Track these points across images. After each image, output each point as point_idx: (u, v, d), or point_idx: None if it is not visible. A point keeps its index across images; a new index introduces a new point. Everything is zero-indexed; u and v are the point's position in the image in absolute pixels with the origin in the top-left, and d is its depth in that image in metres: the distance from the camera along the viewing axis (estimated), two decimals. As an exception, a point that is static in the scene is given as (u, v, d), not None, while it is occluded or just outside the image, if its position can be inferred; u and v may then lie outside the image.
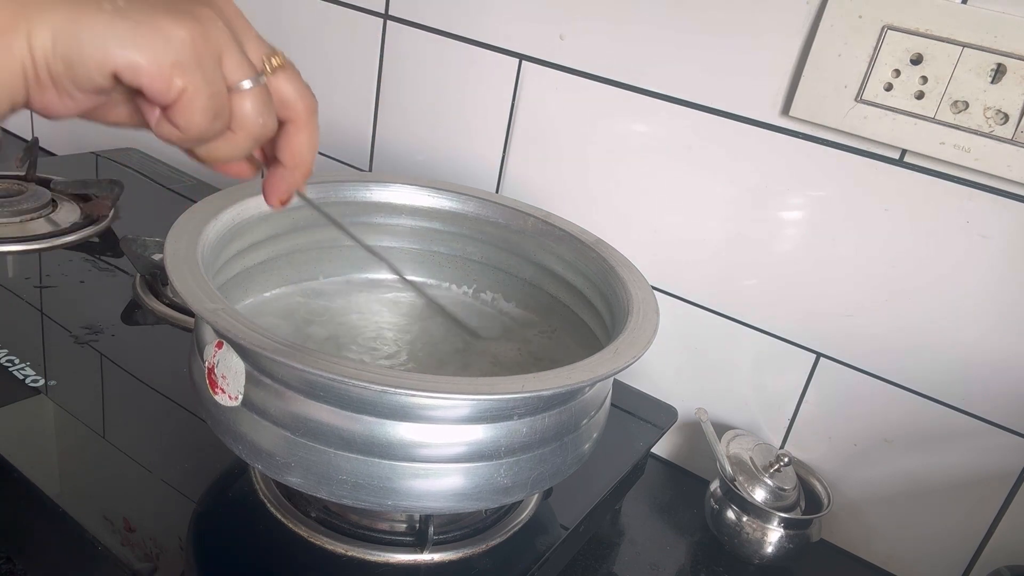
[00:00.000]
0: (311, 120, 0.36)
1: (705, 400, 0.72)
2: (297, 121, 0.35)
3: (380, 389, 0.38)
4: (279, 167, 0.37)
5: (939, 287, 0.59)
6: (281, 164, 0.36)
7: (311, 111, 0.36)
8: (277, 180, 0.37)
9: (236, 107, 0.32)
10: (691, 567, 0.64)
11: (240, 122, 0.32)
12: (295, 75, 0.35)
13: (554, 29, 0.70)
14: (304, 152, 0.36)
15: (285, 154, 0.36)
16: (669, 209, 0.69)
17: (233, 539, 0.48)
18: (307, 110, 0.35)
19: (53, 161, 1.05)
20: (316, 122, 0.36)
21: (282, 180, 0.37)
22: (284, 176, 0.37)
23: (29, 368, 0.60)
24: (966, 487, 0.62)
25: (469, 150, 0.79)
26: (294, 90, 0.35)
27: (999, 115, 0.53)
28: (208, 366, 0.44)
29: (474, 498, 0.43)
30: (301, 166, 0.37)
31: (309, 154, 0.37)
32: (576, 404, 0.46)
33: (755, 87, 0.62)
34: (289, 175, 0.37)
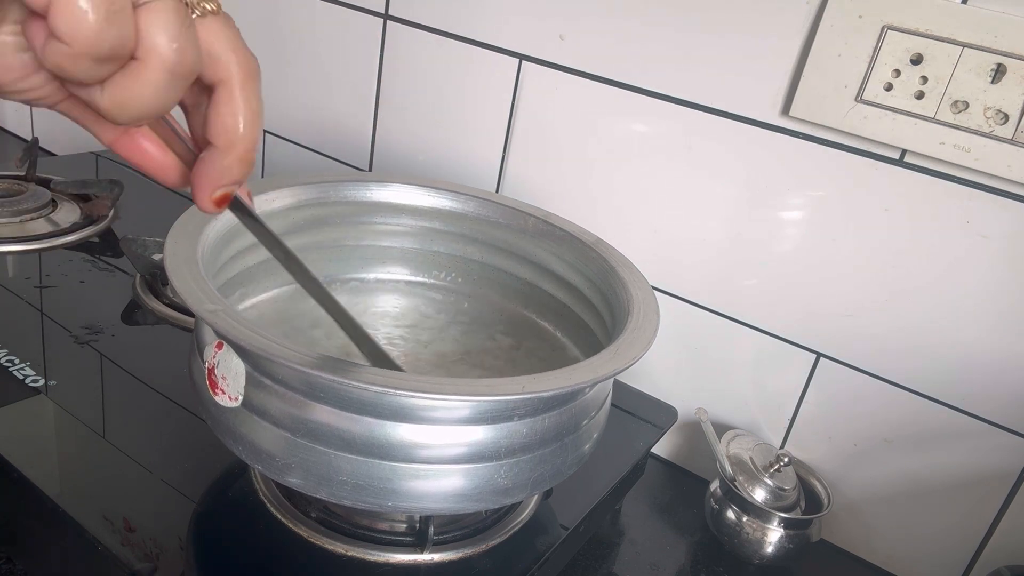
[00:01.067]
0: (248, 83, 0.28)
1: (705, 400, 0.72)
2: (229, 83, 0.28)
3: (380, 390, 0.38)
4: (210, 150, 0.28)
5: (939, 287, 0.59)
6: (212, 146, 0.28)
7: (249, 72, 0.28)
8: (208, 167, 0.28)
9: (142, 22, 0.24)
10: (691, 567, 0.64)
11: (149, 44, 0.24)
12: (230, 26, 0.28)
13: (554, 29, 0.70)
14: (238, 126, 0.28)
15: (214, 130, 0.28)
16: (669, 209, 0.69)
17: (233, 539, 0.48)
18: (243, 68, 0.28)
19: (53, 161, 1.05)
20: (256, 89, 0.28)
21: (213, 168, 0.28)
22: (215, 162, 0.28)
23: (29, 368, 0.60)
24: (966, 487, 0.62)
25: (469, 150, 0.79)
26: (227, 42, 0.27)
27: (999, 115, 0.53)
28: (208, 367, 0.44)
29: (474, 499, 0.43)
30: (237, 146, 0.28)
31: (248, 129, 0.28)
32: (576, 405, 0.46)
33: (755, 87, 0.62)
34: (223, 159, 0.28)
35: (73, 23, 0.23)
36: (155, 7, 0.24)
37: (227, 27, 0.28)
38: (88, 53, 0.23)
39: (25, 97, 0.26)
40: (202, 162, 0.29)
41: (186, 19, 0.25)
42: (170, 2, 0.25)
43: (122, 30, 0.24)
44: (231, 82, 0.28)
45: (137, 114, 0.26)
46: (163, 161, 0.29)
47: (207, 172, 0.29)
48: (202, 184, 0.29)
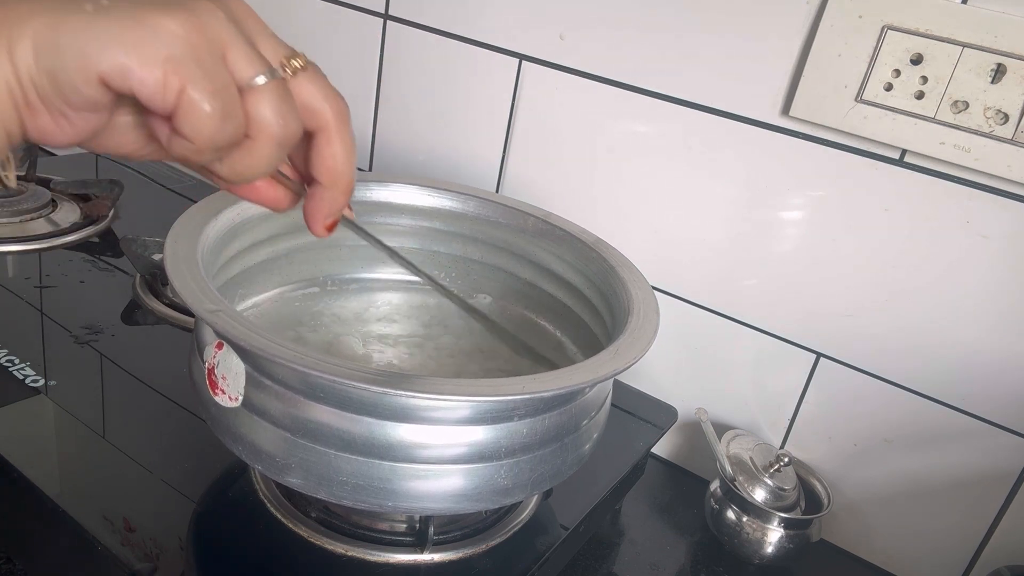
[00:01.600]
0: (343, 127, 0.32)
1: (705, 400, 0.72)
2: (327, 129, 0.31)
3: (380, 390, 0.38)
4: (317, 187, 0.33)
5: (939, 287, 0.59)
6: (318, 183, 0.33)
7: (342, 117, 0.31)
8: (317, 202, 0.33)
9: (250, 107, 0.28)
10: (691, 567, 0.64)
11: (257, 124, 0.28)
12: (320, 77, 0.31)
13: (554, 29, 0.70)
14: (340, 165, 0.32)
15: (320, 170, 0.32)
16: (669, 209, 0.69)
17: (233, 539, 0.48)
18: (337, 115, 0.31)
19: (53, 161, 1.05)
20: (349, 129, 0.32)
21: (322, 201, 0.33)
22: (324, 196, 0.33)
23: (29, 368, 0.60)
24: (966, 487, 0.62)
25: (469, 150, 0.79)
26: (320, 93, 0.31)
27: (999, 115, 0.53)
28: (208, 367, 0.44)
29: (474, 499, 0.43)
30: (340, 181, 0.32)
31: (346, 166, 0.32)
32: (576, 405, 0.46)
33: (755, 87, 0.62)
34: (329, 194, 0.33)
35: (196, 126, 0.26)
36: (261, 92, 0.28)
37: (317, 78, 0.31)
38: (209, 147, 0.27)
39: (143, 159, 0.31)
40: (312, 198, 0.33)
41: (286, 94, 0.29)
42: (272, 83, 0.28)
43: (237, 123, 0.28)
44: (329, 129, 0.31)
45: (251, 178, 0.30)
46: (275, 195, 0.34)
47: (318, 206, 0.33)
48: (316, 216, 0.34)
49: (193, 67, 0.26)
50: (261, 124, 0.28)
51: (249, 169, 0.29)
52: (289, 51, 0.30)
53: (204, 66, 0.26)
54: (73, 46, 0.25)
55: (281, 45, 0.30)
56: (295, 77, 0.30)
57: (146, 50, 0.25)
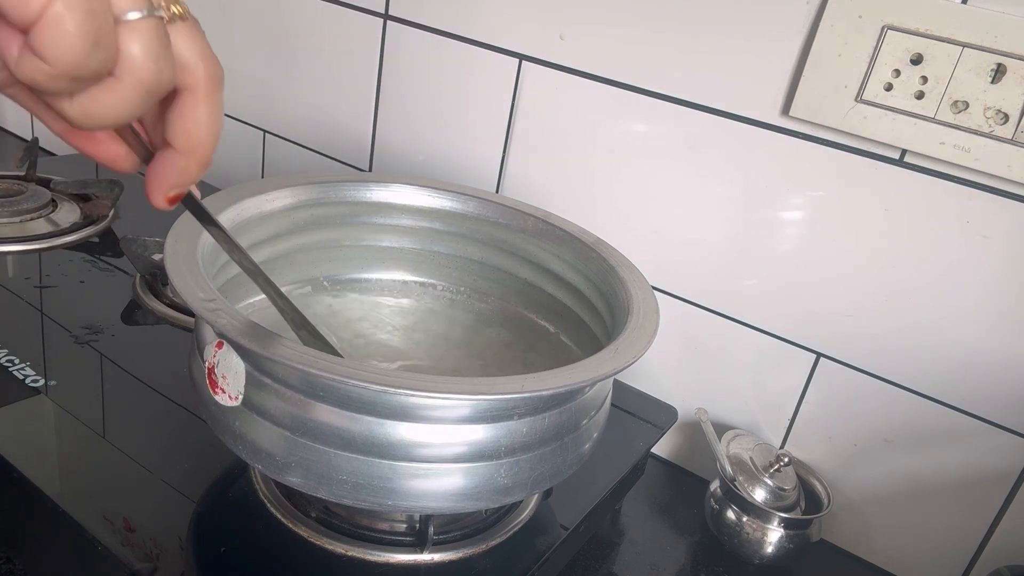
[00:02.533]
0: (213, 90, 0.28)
1: (705, 400, 0.72)
2: (195, 90, 0.28)
3: (380, 389, 0.38)
4: (169, 152, 0.29)
5: (939, 287, 0.59)
6: (171, 148, 0.29)
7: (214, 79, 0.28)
8: (165, 168, 0.29)
9: (122, 42, 0.24)
10: (691, 567, 0.64)
11: (127, 63, 0.24)
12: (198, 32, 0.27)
13: (554, 29, 0.70)
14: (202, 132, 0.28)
15: (178, 133, 0.28)
16: (669, 209, 0.69)
17: (233, 539, 0.48)
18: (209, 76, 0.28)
19: (53, 161, 1.05)
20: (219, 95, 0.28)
21: (172, 168, 0.29)
22: (175, 164, 0.29)
23: (29, 368, 0.60)
24: (966, 487, 0.62)
25: (469, 150, 0.79)
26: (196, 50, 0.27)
27: (999, 115, 0.53)
28: (208, 366, 0.44)
29: (474, 498, 0.43)
30: (197, 150, 0.29)
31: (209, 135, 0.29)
32: (576, 404, 0.46)
33: (755, 87, 0.62)
34: (181, 161, 0.29)
35: (59, 46, 0.22)
36: (137, 26, 0.24)
37: (195, 33, 0.27)
38: (70, 74, 0.23)
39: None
40: (159, 162, 0.29)
41: (165, 38, 0.25)
42: (151, 20, 0.25)
43: (106, 54, 0.24)
44: (197, 90, 0.28)
45: (103, 124, 0.26)
46: (115, 152, 0.29)
47: (164, 172, 0.29)
48: (158, 183, 0.29)
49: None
50: (132, 63, 0.25)
51: (106, 113, 0.25)
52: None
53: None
54: None
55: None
56: (172, 24, 0.26)
57: None
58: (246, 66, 0.93)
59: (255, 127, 0.96)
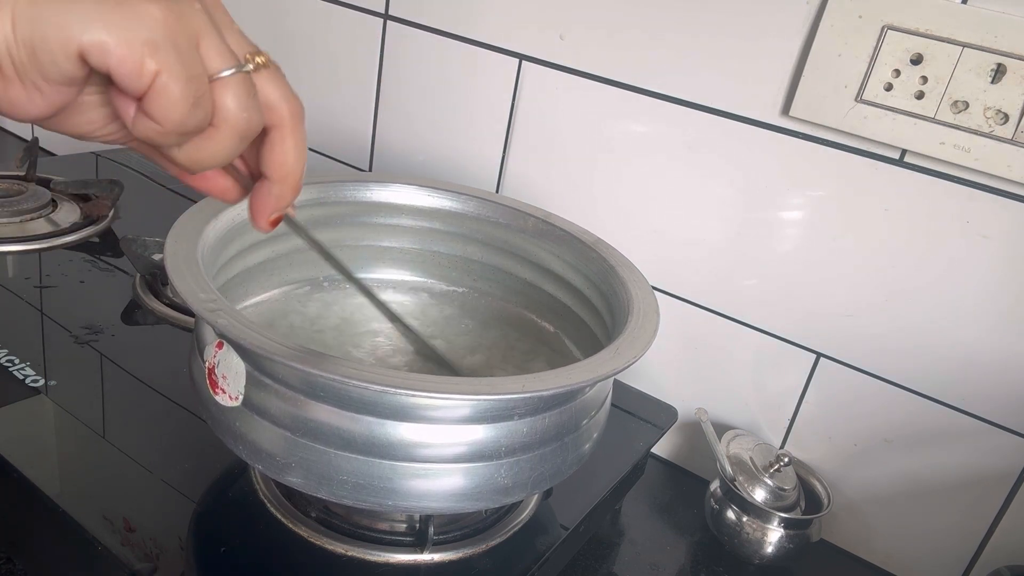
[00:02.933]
0: (298, 126, 0.33)
1: (705, 400, 0.72)
2: (282, 127, 0.32)
3: (380, 389, 0.38)
4: (265, 182, 0.33)
5: (939, 287, 0.59)
6: (267, 179, 0.33)
7: (297, 116, 0.32)
8: (264, 196, 0.34)
9: (218, 97, 0.29)
10: (691, 567, 0.64)
11: (223, 115, 0.29)
12: (280, 76, 0.32)
13: (554, 29, 0.70)
14: (291, 162, 0.33)
15: (271, 166, 0.33)
16: (669, 209, 0.69)
17: (233, 539, 0.48)
18: (293, 114, 0.32)
19: (53, 161, 1.05)
20: (303, 129, 0.33)
21: (269, 196, 0.33)
22: (271, 192, 0.33)
23: (29, 368, 0.60)
24: (966, 487, 0.62)
25: (469, 150, 0.79)
26: (279, 92, 0.31)
27: (999, 115, 0.53)
28: (208, 366, 0.44)
29: (474, 498, 0.43)
30: (289, 178, 0.33)
31: (297, 164, 0.33)
32: (576, 404, 0.46)
33: (755, 87, 0.62)
34: (277, 190, 0.33)
35: (166, 110, 0.27)
36: (229, 82, 0.29)
37: (277, 77, 0.32)
38: (175, 131, 0.28)
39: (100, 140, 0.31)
40: (259, 192, 0.34)
41: (251, 88, 0.30)
42: (239, 77, 0.29)
43: (205, 111, 0.28)
44: (283, 127, 0.32)
45: (208, 167, 0.31)
46: (224, 186, 0.34)
47: (264, 200, 0.34)
48: (260, 210, 0.34)
49: (170, 52, 0.27)
50: (226, 115, 0.29)
51: (208, 158, 0.30)
52: (253, 48, 0.31)
53: (180, 52, 0.27)
54: (55, 20, 0.25)
55: (246, 41, 0.31)
56: (258, 73, 0.31)
57: (127, 31, 0.26)
58: (246, 66, 0.93)
59: (255, 127, 0.96)
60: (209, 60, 0.28)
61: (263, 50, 0.31)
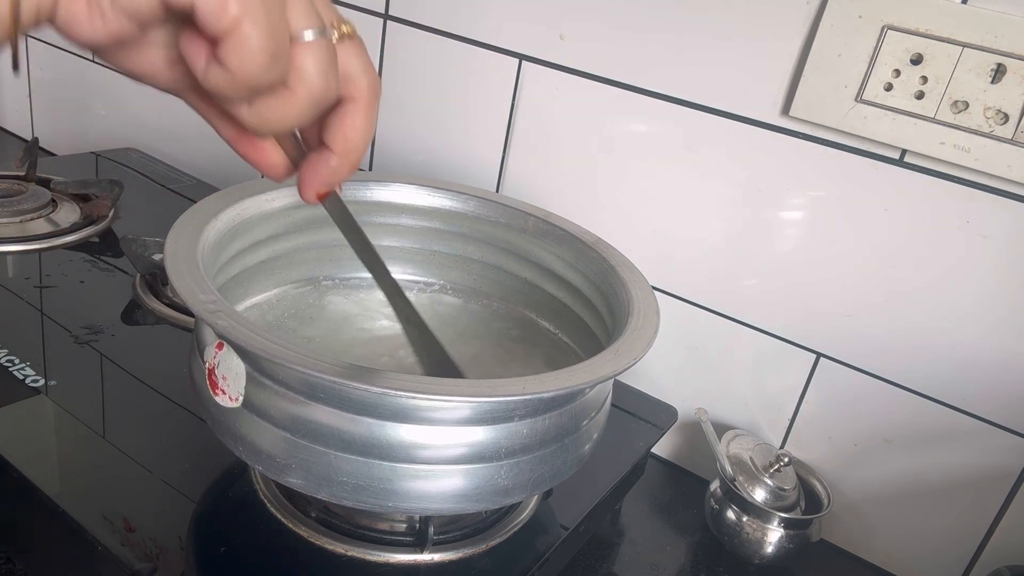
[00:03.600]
0: (372, 102, 0.31)
1: (705, 400, 0.72)
2: (358, 100, 0.31)
3: (380, 391, 0.38)
4: (325, 153, 0.32)
5: (939, 287, 0.59)
6: (328, 149, 0.32)
7: (374, 92, 0.31)
8: (320, 167, 0.32)
9: (298, 58, 0.27)
10: (691, 567, 0.64)
11: (300, 77, 0.28)
12: (362, 49, 0.31)
13: (554, 29, 0.70)
14: (359, 138, 0.32)
15: (337, 138, 0.31)
16: (669, 209, 0.69)
17: (233, 539, 0.48)
18: (371, 89, 0.31)
19: (53, 161, 1.05)
20: (376, 106, 0.32)
21: (326, 167, 0.32)
22: (329, 163, 0.32)
23: (29, 368, 0.60)
24: (966, 487, 0.62)
25: (469, 150, 0.79)
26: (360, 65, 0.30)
27: (999, 115, 0.53)
28: (208, 367, 0.44)
29: (475, 499, 0.43)
30: (351, 154, 0.32)
31: (363, 141, 0.32)
32: (576, 405, 0.46)
33: (755, 87, 0.62)
34: (336, 162, 0.32)
35: (244, 59, 0.26)
36: (311, 46, 0.28)
37: (359, 49, 0.31)
38: (249, 84, 0.27)
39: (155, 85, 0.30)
40: (313, 161, 0.32)
41: (333, 56, 0.29)
42: (323, 41, 0.28)
43: (283, 67, 0.27)
44: (359, 100, 0.31)
45: (277, 130, 0.29)
46: (275, 159, 0.33)
47: (318, 171, 0.32)
48: (311, 181, 0.33)
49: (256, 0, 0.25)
50: (304, 77, 0.28)
51: (279, 120, 0.29)
52: (340, 17, 0.30)
53: (267, 2, 0.26)
54: None
55: (334, 10, 0.30)
56: (340, 42, 0.30)
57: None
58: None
59: (255, 127, 0.96)
60: (294, 19, 0.27)
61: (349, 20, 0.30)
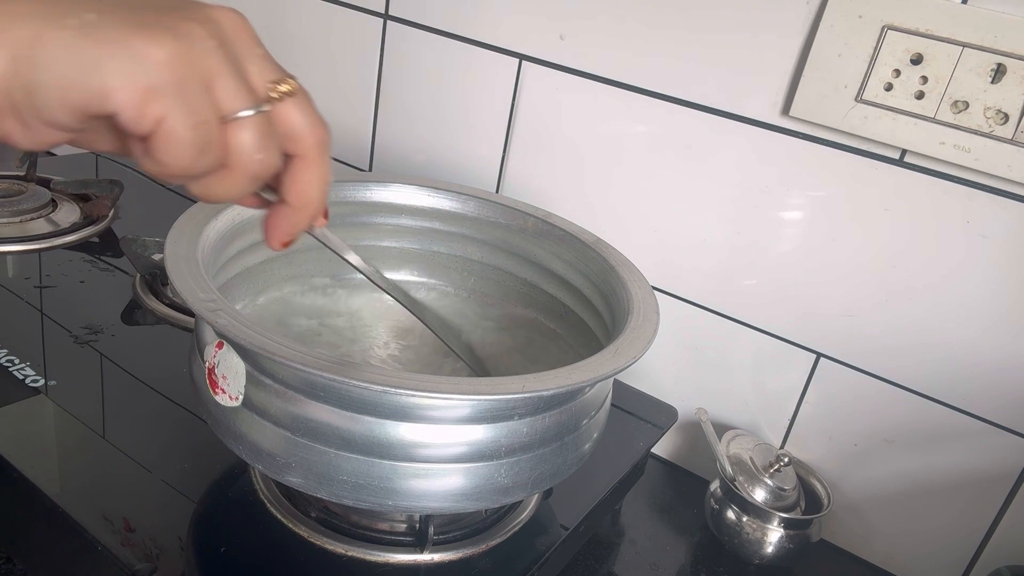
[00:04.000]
0: (321, 156, 0.31)
1: (705, 400, 0.72)
2: (305, 156, 0.31)
3: (380, 389, 0.38)
4: (283, 205, 0.32)
5: (939, 287, 0.59)
6: (286, 203, 0.32)
7: (322, 145, 0.31)
8: (280, 219, 0.33)
9: (231, 140, 0.27)
10: (691, 567, 0.64)
11: (235, 158, 0.28)
12: (307, 103, 0.31)
13: (554, 29, 0.70)
14: (311, 192, 0.32)
15: (291, 193, 0.32)
16: (669, 209, 0.69)
17: (233, 539, 0.48)
18: (317, 144, 0.31)
19: (53, 161, 1.05)
20: (327, 158, 0.32)
21: (285, 220, 0.32)
22: (288, 216, 0.32)
23: (29, 368, 0.60)
24: (966, 487, 0.62)
25: (469, 150, 0.79)
26: (304, 121, 0.30)
27: (999, 115, 0.53)
28: (208, 366, 0.44)
29: (474, 498, 0.43)
30: (308, 207, 0.32)
31: (317, 194, 0.32)
32: (576, 404, 0.46)
33: (755, 87, 0.62)
34: (293, 215, 0.32)
35: (171, 155, 0.26)
36: (244, 124, 0.28)
37: (304, 105, 0.30)
38: (183, 174, 0.27)
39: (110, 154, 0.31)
40: (275, 214, 0.33)
41: (268, 128, 0.29)
42: (255, 118, 0.28)
43: (213, 156, 0.27)
44: (308, 155, 0.31)
45: (224, 201, 0.30)
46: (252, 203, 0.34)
47: (279, 224, 0.33)
48: (274, 232, 0.33)
49: (175, 98, 0.25)
50: (239, 156, 0.28)
51: (220, 195, 0.29)
52: (279, 75, 0.29)
53: (187, 97, 0.26)
54: (53, 68, 0.24)
55: (271, 68, 0.29)
56: (281, 102, 0.29)
57: (128, 78, 0.25)
58: (246, 66, 0.93)
59: (255, 127, 0.96)
60: (222, 102, 0.27)
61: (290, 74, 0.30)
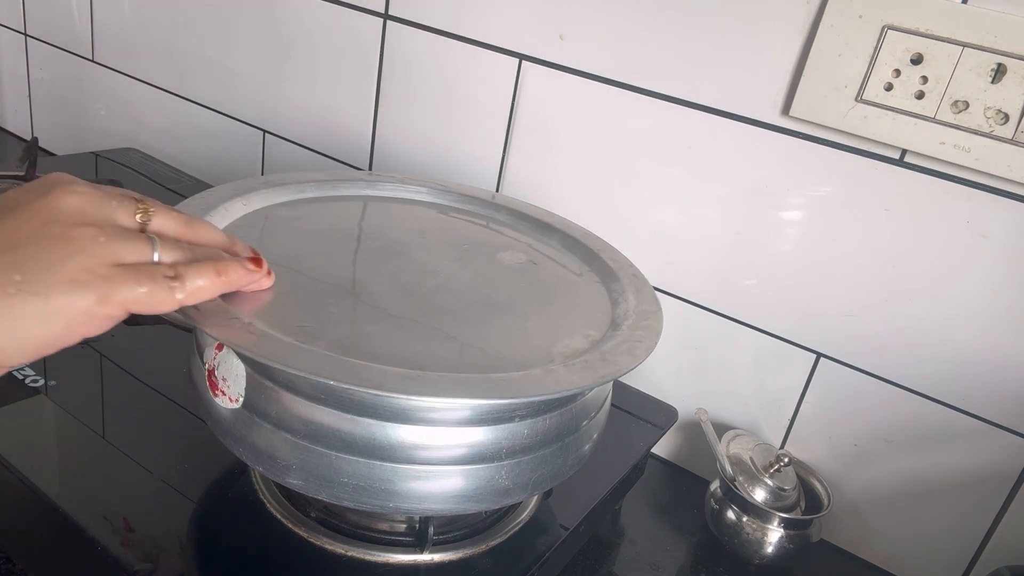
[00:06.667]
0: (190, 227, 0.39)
1: (705, 400, 0.72)
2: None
3: (380, 393, 0.38)
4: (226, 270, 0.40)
5: (939, 287, 0.59)
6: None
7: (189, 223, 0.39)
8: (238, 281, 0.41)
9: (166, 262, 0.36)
10: (691, 567, 0.64)
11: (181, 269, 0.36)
12: (166, 211, 0.38)
13: (554, 29, 0.70)
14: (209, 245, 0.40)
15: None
16: (669, 209, 0.69)
17: (233, 539, 0.48)
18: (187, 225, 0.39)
19: (53, 161, 1.05)
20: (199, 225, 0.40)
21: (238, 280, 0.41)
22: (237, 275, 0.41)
23: (29, 368, 0.60)
24: (966, 487, 0.62)
25: (469, 150, 0.79)
26: (174, 225, 0.38)
27: (999, 115, 0.53)
28: (208, 368, 0.44)
29: (475, 500, 0.43)
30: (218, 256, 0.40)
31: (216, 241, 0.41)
32: (577, 405, 0.46)
33: (755, 87, 0.62)
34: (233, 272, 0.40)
35: (152, 309, 0.36)
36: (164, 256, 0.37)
37: (167, 214, 0.38)
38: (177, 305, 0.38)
39: None
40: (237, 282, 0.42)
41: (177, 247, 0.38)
42: (164, 254, 0.37)
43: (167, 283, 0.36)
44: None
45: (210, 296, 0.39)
46: None
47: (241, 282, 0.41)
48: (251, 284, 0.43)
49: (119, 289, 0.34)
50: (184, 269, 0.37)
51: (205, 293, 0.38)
52: (133, 203, 0.36)
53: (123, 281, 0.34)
54: None
55: (126, 201, 0.36)
56: (151, 222, 0.36)
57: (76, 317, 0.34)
58: (246, 66, 0.93)
59: (255, 127, 0.96)
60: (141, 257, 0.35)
61: (142, 198, 0.36)
